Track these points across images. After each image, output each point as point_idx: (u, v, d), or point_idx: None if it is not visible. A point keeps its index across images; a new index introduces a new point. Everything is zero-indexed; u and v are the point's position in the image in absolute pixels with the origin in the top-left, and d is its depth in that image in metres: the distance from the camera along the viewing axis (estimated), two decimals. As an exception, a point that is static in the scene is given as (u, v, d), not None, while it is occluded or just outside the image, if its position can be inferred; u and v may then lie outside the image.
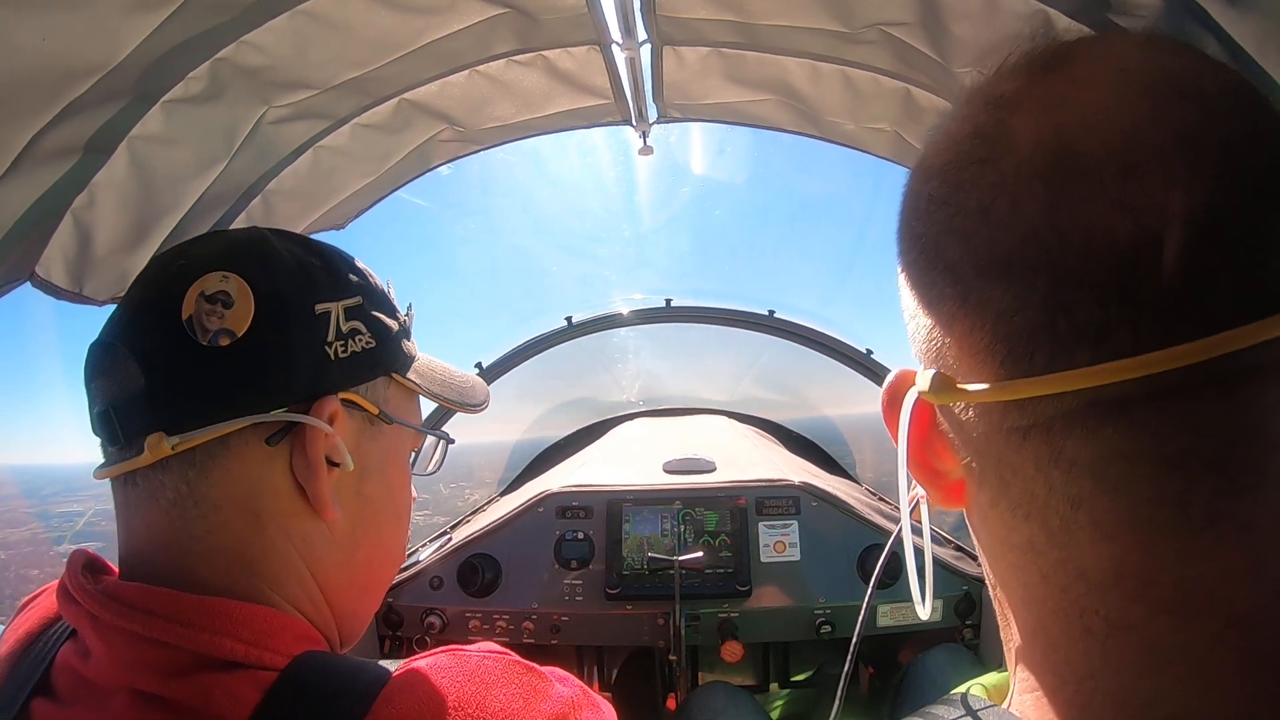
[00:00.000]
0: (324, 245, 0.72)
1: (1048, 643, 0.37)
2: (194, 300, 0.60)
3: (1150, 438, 0.32)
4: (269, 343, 0.61)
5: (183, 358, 0.60)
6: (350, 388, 0.67)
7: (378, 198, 1.39)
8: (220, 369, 0.60)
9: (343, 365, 0.66)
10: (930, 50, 0.94)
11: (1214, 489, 0.32)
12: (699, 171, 5.52)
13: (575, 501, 1.87)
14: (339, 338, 0.65)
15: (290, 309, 0.63)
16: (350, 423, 0.67)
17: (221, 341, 0.60)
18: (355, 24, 0.93)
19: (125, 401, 0.61)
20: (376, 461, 0.70)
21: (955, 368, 0.38)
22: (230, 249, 0.66)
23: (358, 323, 0.68)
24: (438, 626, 1.76)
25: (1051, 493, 0.35)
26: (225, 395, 0.60)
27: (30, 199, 0.77)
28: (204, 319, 0.60)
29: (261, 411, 0.61)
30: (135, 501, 0.62)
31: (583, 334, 2.63)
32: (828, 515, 1.82)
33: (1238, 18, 0.56)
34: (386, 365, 0.71)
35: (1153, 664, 0.33)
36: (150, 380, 0.60)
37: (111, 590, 0.57)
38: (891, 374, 0.44)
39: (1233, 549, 0.32)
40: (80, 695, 0.55)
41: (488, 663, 0.57)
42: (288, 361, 0.62)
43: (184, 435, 0.59)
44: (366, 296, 0.70)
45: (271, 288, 0.62)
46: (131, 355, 0.61)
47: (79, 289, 0.90)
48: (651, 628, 1.74)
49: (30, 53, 0.62)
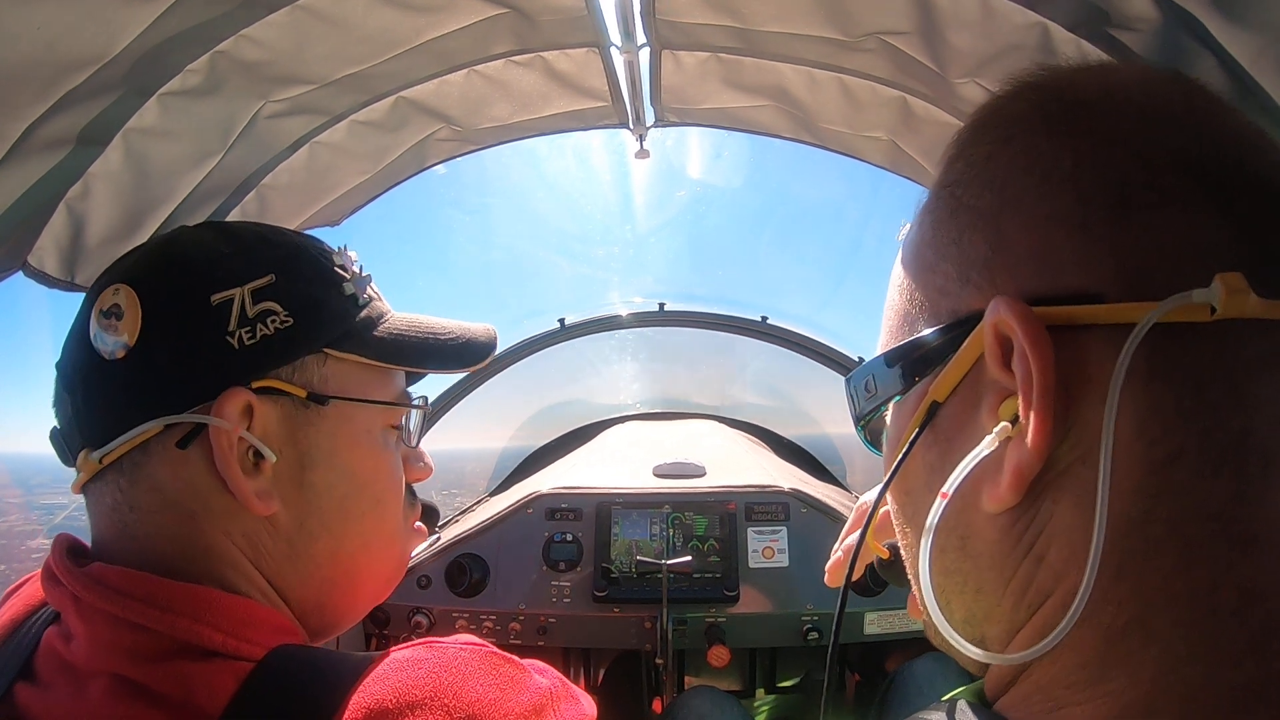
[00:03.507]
0: (246, 227, 0.71)
1: (1145, 635, 0.34)
2: (95, 318, 0.63)
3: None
4: (159, 346, 0.62)
5: (91, 375, 0.62)
6: (265, 374, 0.64)
7: (373, 195, 1.39)
8: (120, 380, 0.62)
9: (251, 352, 0.63)
10: (928, 60, 0.95)
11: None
12: (695, 176, 5.51)
13: (565, 503, 1.87)
14: (243, 324, 0.63)
15: (178, 308, 0.63)
16: (275, 410, 0.64)
17: (118, 354, 0.61)
18: (354, 20, 0.93)
19: (65, 424, 0.65)
20: (322, 447, 0.67)
21: (1120, 284, 0.36)
22: (136, 259, 0.67)
23: (270, 303, 0.64)
24: (425, 626, 1.75)
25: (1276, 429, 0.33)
26: (130, 405, 0.61)
27: (24, 188, 0.77)
28: (103, 334, 0.62)
29: (167, 414, 0.61)
30: (91, 509, 0.64)
31: (575, 336, 2.63)
32: (817, 522, 1.82)
33: (1234, 33, 0.57)
34: (314, 341, 0.67)
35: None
36: (74, 401, 0.63)
37: (96, 573, 0.57)
38: (994, 307, 0.37)
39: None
40: (61, 679, 0.55)
41: (464, 654, 0.57)
42: (182, 361, 0.62)
43: (103, 449, 0.61)
44: (285, 273, 0.67)
45: (157, 291, 0.63)
46: (61, 381, 0.65)
47: (71, 278, 0.89)
48: (639, 631, 1.74)
49: (27, 42, 0.62)
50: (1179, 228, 0.36)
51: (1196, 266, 0.34)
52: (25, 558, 4.34)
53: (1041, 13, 0.79)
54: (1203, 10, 0.59)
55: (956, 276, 0.42)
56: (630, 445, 2.50)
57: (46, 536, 0.65)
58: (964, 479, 0.40)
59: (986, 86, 0.92)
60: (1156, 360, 0.35)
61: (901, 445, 0.45)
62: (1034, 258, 0.39)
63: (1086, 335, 0.36)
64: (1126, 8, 0.68)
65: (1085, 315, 0.36)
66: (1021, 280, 0.39)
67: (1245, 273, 0.33)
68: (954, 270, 0.43)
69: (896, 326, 0.48)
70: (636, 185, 5.70)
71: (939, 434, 0.43)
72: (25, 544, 4.98)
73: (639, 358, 3.15)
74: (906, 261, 0.48)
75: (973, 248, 0.42)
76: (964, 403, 0.42)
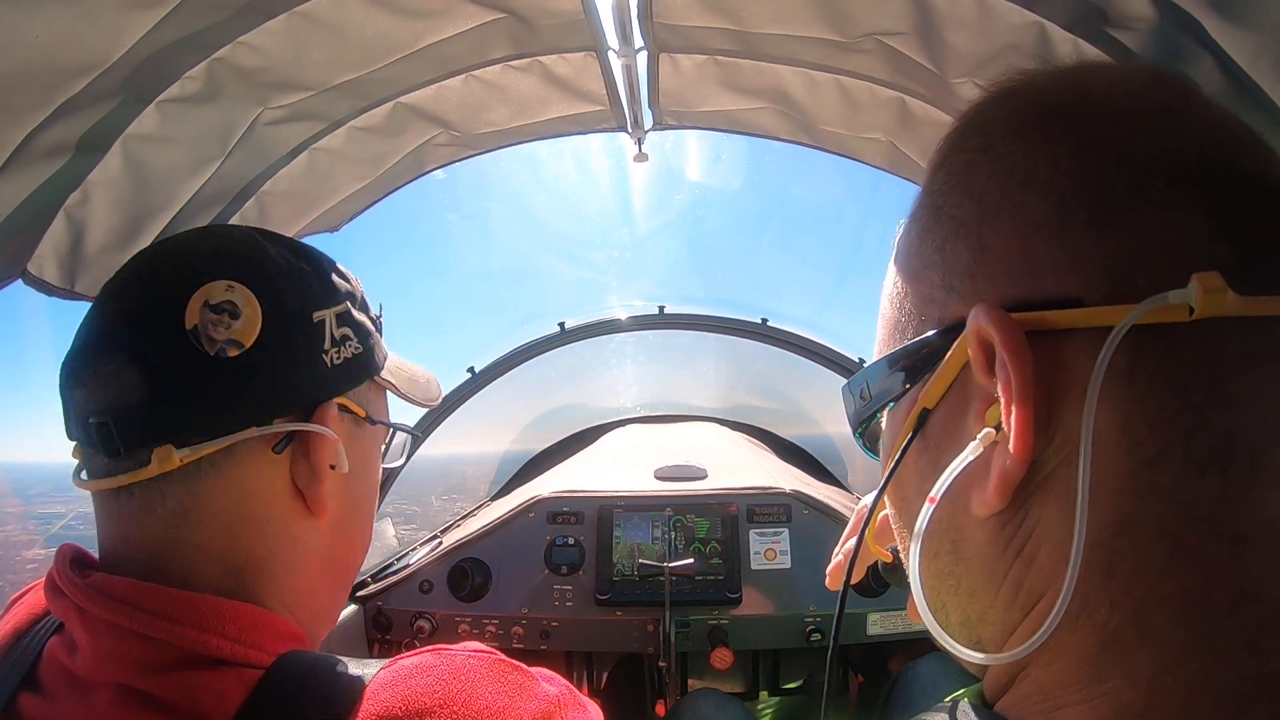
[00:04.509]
0: (310, 249, 0.72)
1: (1140, 634, 0.34)
2: (199, 309, 0.59)
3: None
4: (276, 354, 0.62)
5: (188, 368, 0.59)
6: (344, 393, 0.68)
7: (372, 201, 1.39)
8: (228, 381, 0.60)
9: (337, 372, 0.67)
10: (926, 60, 0.95)
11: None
12: (694, 179, 5.52)
13: (566, 507, 1.87)
14: (334, 345, 0.67)
15: (293, 319, 0.64)
16: (342, 426, 0.68)
17: (229, 353, 0.59)
18: (352, 26, 0.93)
19: (124, 411, 0.58)
20: (361, 461, 0.72)
21: (1100, 287, 0.36)
22: (224, 254, 0.64)
23: (347, 329, 0.69)
24: (427, 630, 1.75)
25: (1265, 427, 0.33)
26: (233, 406, 0.60)
27: (23, 196, 0.77)
28: (210, 329, 0.59)
29: (268, 421, 0.62)
30: (129, 512, 0.60)
31: (575, 340, 2.63)
32: (819, 524, 1.82)
33: (1232, 33, 0.57)
34: (371, 369, 0.72)
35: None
36: (153, 390, 0.58)
37: (100, 584, 0.56)
38: (975, 315, 0.38)
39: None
40: (66, 690, 0.55)
41: (472, 661, 0.57)
42: (293, 372, 0.63)
43: (193, 447, 0.58)
44: (351, 301, 0.71)
45: (275, 297, 0.62)
46: (132, 363, 0.58)
47: (71, 286, 0.89)
48: (641, 634, 1.74)
49: (26, 49, 0.62)
50: (1157, 229, 0.36)
51: (1175, 267, 0.34)
52: (20, 569, 4.30)
53: (1038, 12, 0.79)
54: (1200, 9, 0.59)
55: (942, 285, 0.43)
56: (631, 448, 2.50)
57: (44, 548, 0.65)
58: (953, 483, 0.40)
59: (984, 87, 0.92)
60: (1139, 362, 0.35)
61: (895, 451, 0.45)
62: (1015, 265, 0.39)
63: (1068, 340, 0.36)
64: (1124, 7, 0.68)
65: (1065, 320, 0.36)
66: (1003, 287, 0.39)
67: (1225, 270, 0.33)
68: (939, 279, 0.43)
69: (888, 334, 0.48)
70: (635, 189, 5.71)
71: (930, 440, 0.44)
72: (19, 555, 4.93)
73: (639, 361, 3.15)
74: (897, 269, 0.48)
75: (956, 256, 0.42)
76: (953, 409, 0.42)
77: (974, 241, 0.41)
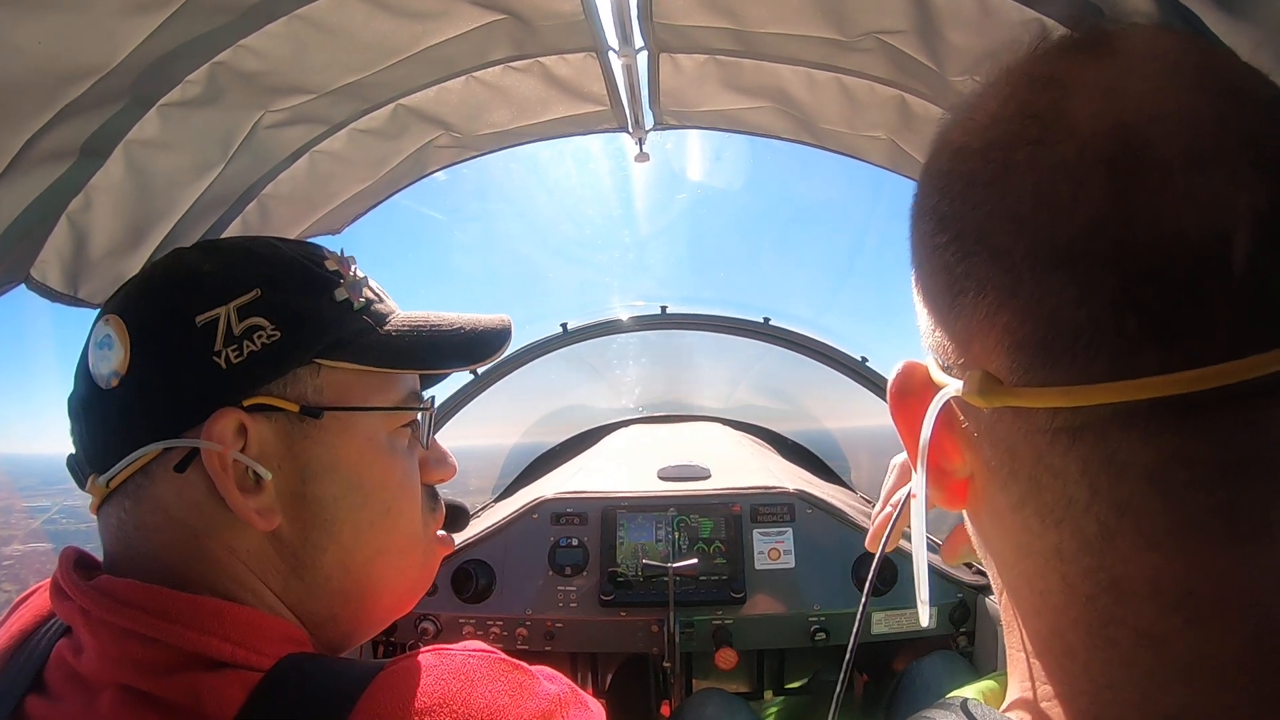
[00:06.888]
0: (232, 243, 0.71)
1: (1063, 650, 0.36)
2: (92, 350, 0.65)
3: (1216, 443, 0.31)
4: (148, 372, 0.62)
5: (92, 404, 0.65)
6: (257, 391, 0.63)
7: (374, 203, 1.39)
8: (116, 408, 0.63)
9: (239, 370, 0.62)
10: (926, 58, 0.95)
11: (1268, 497, 0.31)
12: (695, 179, 5.51)
13: (570, 508, 1.87)
14: (230, 342, 0.62)
15: (163, 333, 0.63)
16: (270, 426, 0.63)
17: (113, 383, 0.63)
18: (352, 29, 0.93)
19: (77, 451, 0.67)
20: (322, 459, 0.66)
21: (987, 362, 0.36)
22: (126, 289, 0.68)
23: (256, 318, 0.63)
24: (431, 633, 1.76)
25: (1096, 497, 0.33)
26: (127, 432, 0.62)
27: (26, 201, 0.77)
28: (99, 365, 0.64)
29: (160, 439, 0.61)
30: (101, 529, 0.66)
31: (578, 341, 2.63)
32: (822, 522, 1.82)
33: (1232, 26, 0.57)
34: (304, 353, 0.65)
35: (1181, 675, 0.31)
36: (80, 430, 0.66)
37: (103, 586, 0.57)
38: (898, 366, 0.43)
39: (1276, 558, 0.31)
40: (71, 691, 0.55)
41: (473, 660, 0.57)
42: (172, 385, 0.62)
43: (107, 474, 0.63)
44: (271, 286, 0.65)
45: (143, 318, 0.64)
46: (70, 411, 0.68)
47: (74, 292, 0.90)
48: (646, 635, 1.74)
49: (27, 55, 0.62)
50: (981, 309, 0.36)
51: (991, 349, 0.36)
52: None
53: (1038, 9, 0.79)
54: (1200, 6, 0.59)
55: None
56: (634, 449, 2.50)
57: (22, 544, 0.68)
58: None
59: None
60: (984, 422, 0.38)
61: None
62: (925, 330, 0.42)
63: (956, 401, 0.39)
64: (1123, 4, 0.68)
65: (939, 384, 0.40)
66: (930, 347, 0.42)
67: (1029, 352, 0.34)
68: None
69: None
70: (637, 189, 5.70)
71: None
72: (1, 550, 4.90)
73: (642, 361, 3.15)
74: None
75: (918, 311, 0.44)
76: None
77: (917, 298, 0.43)
